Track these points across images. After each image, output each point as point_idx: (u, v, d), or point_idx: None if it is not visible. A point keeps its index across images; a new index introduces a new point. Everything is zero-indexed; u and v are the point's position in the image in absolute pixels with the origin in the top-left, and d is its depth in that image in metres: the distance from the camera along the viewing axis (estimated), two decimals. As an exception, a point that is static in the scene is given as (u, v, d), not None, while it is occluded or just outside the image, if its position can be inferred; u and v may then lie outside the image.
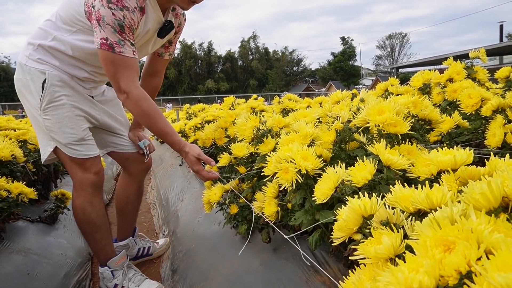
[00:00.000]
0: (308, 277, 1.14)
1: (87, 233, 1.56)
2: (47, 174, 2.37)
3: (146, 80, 1.78)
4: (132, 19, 1.28)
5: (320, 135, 1.14)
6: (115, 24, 1.24)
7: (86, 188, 1.50)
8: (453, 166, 0.60)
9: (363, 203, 0.61)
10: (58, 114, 1.42)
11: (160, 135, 1.43)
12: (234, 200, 1.46)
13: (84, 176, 1.49)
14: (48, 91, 1.40)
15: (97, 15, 1.25)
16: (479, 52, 1.74)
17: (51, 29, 1.43)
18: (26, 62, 1.42)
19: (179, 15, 1.58)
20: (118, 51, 1.27)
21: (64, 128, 1.43)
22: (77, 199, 1.51)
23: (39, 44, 1.43)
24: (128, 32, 1.29)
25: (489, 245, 0.34)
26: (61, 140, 1.43)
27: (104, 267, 1.58)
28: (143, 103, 1.35)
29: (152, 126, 1.41)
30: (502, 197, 0.40)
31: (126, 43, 1.29)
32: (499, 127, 1.14)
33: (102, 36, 1.26)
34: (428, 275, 0.33)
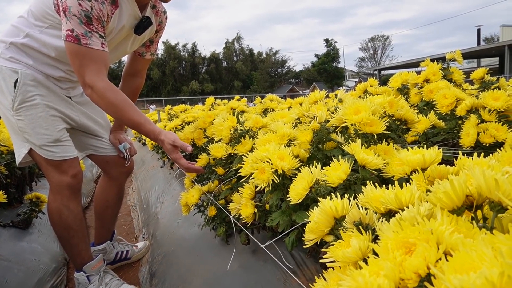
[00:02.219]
0: (286, 279, 1.14)
1: (63, 238, 1.50)
2: (21, 177, 2.29)
3: (127, 80, 1.74)
4: (100, 10, 1.23)
5: (297, 135, 1.13)
6: (81, 15, 1.19)
7: (63, 192, 1.44)
8: (422, 165, 0.60)
9: (335, 205, 0.60)
10: (31, 115, 1.37)
11: (133, 126, 1.37)
12: (213, 202, 1.44)
13: (61, 179, 1.43)
14: (21, 90, 1.35)
15: (63, 5, 1.20)
16: (455, 54, 1.77)
17: (23, 26, 1.38)
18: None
19: (159, 13, 1.55)
20: (84, 43, 1.22)
21: (38, 129, 1.38)
22: (53, 202, 1.45)
23: (11, 42, 1.37)
24: (96, 24, 1.23)
25: (449, 246, 0.33)
26: (35, 141, 1.38)
27: (79, 272, 1.53)
28: (109, 94, 1.29)
29: (122, 117, 1.34)
30: (465, 195, 0.40)
31: (93, 35, 1.23)
32: (473, 126, 1.16)
33: (68, 27, 1.20)
34: (387, 279, 0.32)
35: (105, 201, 1.79)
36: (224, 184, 1.49)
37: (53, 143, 1.40)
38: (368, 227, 0.61)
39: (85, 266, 1.52)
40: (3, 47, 1.38)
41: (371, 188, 0.62)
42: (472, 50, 20.00)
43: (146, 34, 1.54)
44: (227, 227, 1.43)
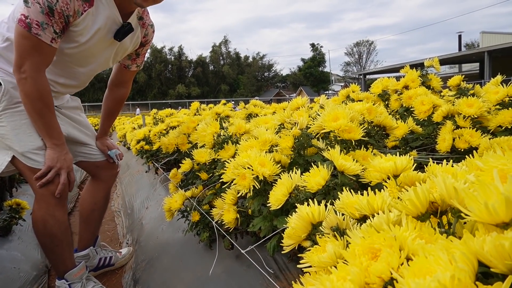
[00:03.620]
0: (269, 283, 1.15)
1: (46, 247, 1.46)
2: (0, 183, 2.24)
3: (112, 90, 1.73)
4: (67, 3, 1.19)
5: (279, 141, 1.14)
6: (45, 5, 1.16)
7: (48, 200, 1.39)
8: (394, 172, 0.62)
9: (311, 211, 0.62)
10: (15, 121, 1.34)
11: (44, 124, 1.34)
12: (196, 207, 1.44)
13: (46, 187, 1.38)
14: (6, 97, 1.32)
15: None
16: (433, 61, 1.82)
17: (3, 30, 1.35)
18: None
19: (146, 25, 1.54)
20: (34, 32, 1.18)
21: (21, 136, 1.34)
22: (38, 211, 1.40)
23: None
24: (58, 18, 1.20)
25: (411, 251, 0.35)
26: (18, 148, 1.34)
27: (61, 279, 1.51)
28: (43, 91, 1.28)
29: (42, 113, 1.31)
30: (429, 202, 0.42)
31: (48, 29, 1.19)
32: (449, 132, 1.20)
33: (23, 12, 1.17)
34: (353, 283, 0.34)
35: (93, 204, 1.77)
36: (208, 189, 1.49)
37: (37, 150, 1.36)
38: (344, 233, 0.63)
39: (67, 273, 1.50)
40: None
41: (347, 194, 0.64)
42: (453, 55, 20.52)
43: (129, 44, 1.52)
44: (211, 233, 1.43)
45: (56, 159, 1.36)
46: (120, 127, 5.83)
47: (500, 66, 17.10)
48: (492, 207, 0.31)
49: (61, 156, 1.38)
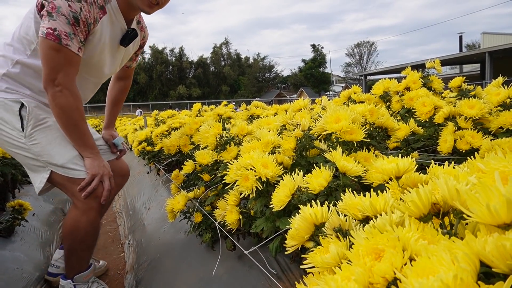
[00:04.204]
0: (271, 284, 1.15)
1: (73, 250, 1.46)
2: (3, 184, 2.25)
3: (117, 82, 1.82)
4: (89, 11, 1.24)
5: (281, 142, 1.15)
6: (70, 15, 1.19)
7: (90, 208, 1.37)
8: (396, 174, 0.63)
9: (314, 212, 0.63)
10: (47, 136, 1.35)
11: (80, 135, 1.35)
12: (198, 208, 1.45)
13: (90, 198, 1.36)
14: (32, 115, 1.33)
15: (51, 6, 1.19)
16: (434, 62, 1.83)
17: (10, 53, 1.36)
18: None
19: (143, 28, 1.61)
20: (65, 43, 1.20)
21: (57, 148, 1.34)
22: (77, 219, 1.38)
23: (3, 73, 1.35)
24: (83, 27, 1.24)
25: (414, 252, 0.35)
26: (57, 161, 1.33)
27: (67, 280, 1.51)
28: (77, 99, 1.29)
29: (77, 123, 1.33)
30: (431, 204, 0.43)
31: (75, 38, 1.23)
32: (450, 133, 1.20)
33: (50, 26, 1.18)
34: (357, 283, 0.35)
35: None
36: (210, 191, 1.50)
37: (75, 160, 1.35)
38: (347, 233, 0.64)
39: (79, 275, 1.50)
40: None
41: (349, 195, 0.65)
42: (454, 56, 20.50)
43: (132, 48, 1.57)
44: (213, 233, 1.44)
45: (97, 166, 1.37)
46: (121, 128, 5.85)
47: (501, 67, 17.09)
48: (493, 208, 0.31)
49: (100, 163, 1.39)
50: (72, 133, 1.34)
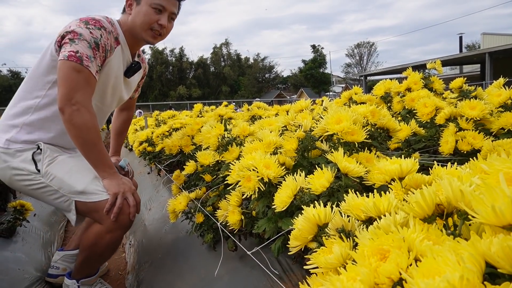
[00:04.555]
0: (273, 285, 1.15)
1: (91, 260, 1.48)
2: (4, 185, 2.25)
3: (119, 114, 1.93)
4: (107, 38, 1.33)
5: (283, 143, 1.15)
6: (91, 41, 1.28)
7: (119, 229, 1.40)
8: (399, 175, 0.63)
9: (318, 212, 0.63)
10: (62, 167, 1.39)
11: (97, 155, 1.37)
12: (200, 209, 1.45)
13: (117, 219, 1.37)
14: (46, 154, 1.39)
15: (73, 34, 1.27)
16: (435, 63, 1.83)
17: (29, 100, 1.40)
18: (8, 146, 1.38)
19: (144, 60, 1.73)
20: (86, 64, 1.26)
21: (74, 176, 1.38)
22: (103, 239, 1.39)
23: (23, 123, 1.39)
24: (101, 51, 1.31)
25: (419, 252, 0.36)
26: (77, 188, 1.35)
27: (72, 279, 1.51)
28: (94, 118, 1.33)
29: (95, 142, 1.34)
30: (435, 204, 0.43)
31: (95, 61, 1.29)
32: (451, 134, 1.20)
33: (72, 49, 1.25)
34: (363, 284, 0.35)
35: None
36: (211, 191, 1.50)
37: (94, 183, 1.37)
38: (350, 234, 0.64)
39: (86, 279, 1.51)
40: (15, 132, 1.39)
41: (352, 196, 0.65)
42: (454, 57, 20.51)
43: (136, 78, 1.65)
44: (215, 234, 1.44)
45: (116, 185, 1.38)
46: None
47: (501, 68, 17.10)
48: (499, 209, 0.32)
49: (119, 181, 1.40)
50: (90, 152, 1.35)
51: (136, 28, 1.43)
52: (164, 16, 1.43)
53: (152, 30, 1.43)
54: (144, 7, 1.40)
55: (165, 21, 1.43)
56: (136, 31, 1.44)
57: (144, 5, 1.40)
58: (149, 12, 1.40)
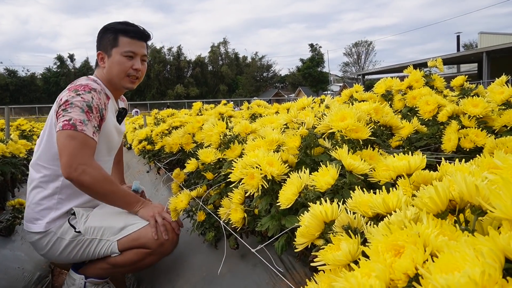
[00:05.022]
0: (275, 283, 1.15)
1: (117, 271, 1.54)
2: (3, 183, 2.24)
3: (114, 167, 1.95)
4: (99, 98, 1.39)
5: (286, 140, 1.15)
6: (83, 105, 1.33)
7: (162, 254, 1.46)
8: (407, 171, 0.63)
9: (324, 209, 0.62)
10: (97, 218, 1.45)
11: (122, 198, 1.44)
12: (202, 207, 1.44)
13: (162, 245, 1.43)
14: (80, 215, 1.44)
15: (65, 104, 1.32)
16: (436, 61, 1.83)
17: (50, 181, 1.44)
18: (49, 228, 1.42)
19: (124, 100, 1.79)
20: (80, 129, 1.30)
21: (111, 217, 1.45)
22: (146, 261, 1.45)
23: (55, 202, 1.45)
24: (95, 113, 1.36)
25: (435, 248, 0.35)
26: (117, 225, 1.42)
27: (80, 274, 1.49)
28: (101, 171, 1.35)
29: (114, 190, 1.40)
30: (449, 200, 0.43)
31: (89, 123, 1.33)
32: (454, 132, 1.20)
33: (65, 119, 1.30)
34: (378, 280, 0.35)
35: None
36: (212, 189, 1.50)
37: (130, 218, 1.45)
38: (356, 231, 0.64)
39: (96, 280, 1.50)
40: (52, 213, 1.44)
41: (359, 193, 0.65)
42: (452, 56, 20.59)
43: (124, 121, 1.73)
44: (216, 232, 1.43)
45: (149, 210, 1.44)
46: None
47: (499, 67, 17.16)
48: (517, 204, 0.31)
49: (150, 206, 1.48)
50: (113, 200, 1.42)
51: (114, 78, 1.50)
52: (136, 61, 1.51)
53: (129, 76, 1.51)
54: (116, 57, 1.48)
55: (139, 65, 1.51)
56: (114, 81, 1.51)
57: (116, 56, 1.48)
58: (122, 61, 1.48)
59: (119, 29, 1.49)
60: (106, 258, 1.45)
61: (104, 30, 1.52)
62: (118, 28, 1.49)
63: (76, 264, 1.52)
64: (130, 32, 1.49)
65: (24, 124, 3.88)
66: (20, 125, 3.87)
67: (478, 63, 22.21)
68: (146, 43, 1.57)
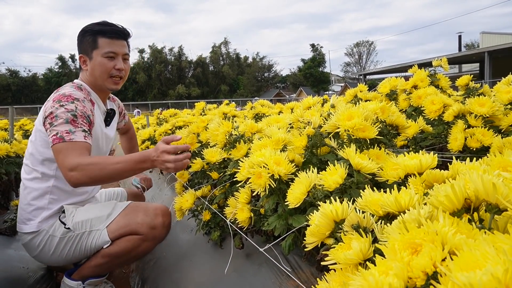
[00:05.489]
0: (281, 282, 1.15)
1: (114, 265, 1.53)
2: (7, 183, 2.25)
3: (123, 136, 2.08)
4: (84, 106, 1.38)
5: (292, 140, 1.15)
6: (68, 115, 1.32)
7: (156, 239, 1.45)
8: (419, 170, 0.62)
9: (335, 208, 0.62)
10: (83, 212, 1.47)
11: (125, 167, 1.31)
12: (207, 206, 1.44)
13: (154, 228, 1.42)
14: (69, 212, 1.45)
15: (50, 117, 1.32)
16: (441, 61, 1.83)
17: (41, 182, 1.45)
18: (41, 228, 1.43)
19: (114, 99, 1.79)
20: (68, 139, 1.29)
21: (96, 208, 1.49)
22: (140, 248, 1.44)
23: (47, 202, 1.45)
24: (81, 120, 1.35)
25: (453, 246, 0.35)
26: (104, 213, 1.45)
27: (77, 281, 1.48)
28: (92, 160, 1.30)
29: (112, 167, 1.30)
30: (464, 199, 0.42)
31: (77, 130, 1.32)
32: (460, 131, 1.20)
33: (52, 134, 1.30)
34: (397, 278, 0.35)
35: None
36: (217, 189, 1.50)
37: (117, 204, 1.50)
38: (366, 230, 0.64)
39: (94, 280, 1.50)
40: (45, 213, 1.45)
41: (369, 192, 0.65)
42: (454, 56, 20.55)
43: (117, 120, 1.75)
44: (221, 231, 1.43)
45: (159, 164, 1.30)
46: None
47: (500, 67, 17.12)
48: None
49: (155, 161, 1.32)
50: (121, 174, 1.33)
51: (97, 80, 1.50)
52: (118, 60, 1.49)
53: (112, 77, 1.50)
54: (97, 59, 1.47)
55: (121, 65, 1.50)
56: (98, 83, 1.51)
57: (97, 58, 1.47)
58: (103, 62, 1.47)
59: (97, 31, 1.47)
60: (99, 252, 1.44)
61: (82, 33, 1.50)
62: (96, 30, 1.47)
63: (69, 270, 1.52)
64: (108, 32, 1.47)
65: (27, 124, 3.89)
66: (23, 125, 3.88)
67: (480, 63, 22.17)
68: (127, 41, 1.54)
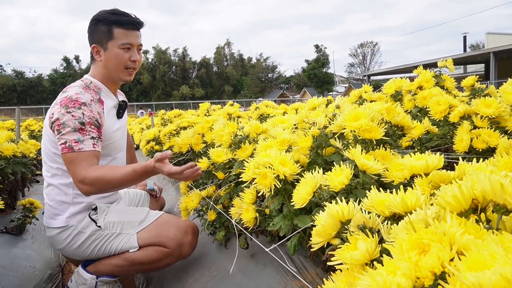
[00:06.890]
0: (287, 283, 1.15)
1: (132, 271, 1.55)
2: (13, 183, 2.26)
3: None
4: (91, 111, 1.35)
5: (297, 141, 1.15)
6: (75, 123, 1.31)
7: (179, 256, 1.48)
8: (425, 171, 0.62)
9: (341, 209, 0.63)
10: (116, 213, 1.49)
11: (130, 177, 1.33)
12: (213, 206, 1.45)
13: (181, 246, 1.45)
14: (102, 210, 1.48)
15: (57, 124, 1.32)
16: (447, 61, 1.82)
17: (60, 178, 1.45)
18: (69, 223, 1.44)
19: (121, 93, 1.76)
20: (77, 148, 1.30)
21: (130, 212, 1.51)
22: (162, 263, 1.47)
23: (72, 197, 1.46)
24: (89, 127, 1.34)
25: (461, 246, 0.35)
26: (137, 219, 1.47)
27: (91, 274, 1.49)
28: (96, 173, 1.30)
29: (117, 177, 1.31)
30: (472, 199, 0.43)
31: (85, 139, 1.32)
32: (466, 132, 1.19)
33: (61, 142, 1.30)
34: (405, 277, 0.35)
35: None
36: (222, 189, 1.50)
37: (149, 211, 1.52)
38: (372, 230, 0.64)
39: (107, 278, 1.51)
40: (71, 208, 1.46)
41: (375, 192, 0.65)
42: (459, 56, 20.44)
43: (126, 112, 1.73)
44: (226, 231, 1.44)
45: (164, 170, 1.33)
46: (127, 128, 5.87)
47: (506, 67, 17.02)
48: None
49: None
50: (128, 182, 1.36)
51: (112, 72, 1.48)
52: (133, 52, 1.48)
53: (127, 68, 1.49)
54: (113, 51, 1.44)
55: (136, 56, 1.48)
56: (112, 75, 1.49)
57: (113, 49, 1.44)
58: (119, 54, 1.44)
59: (113, 21, 1.42)
60: (123, 254, 1.45)
61: (95, 22, 1.45)
62: (111, 20, 1.43)
63: (86, 261, 1.52)
64: (125, 23, 1.43)
65: (33, 124, 3.92)
66: (30, 125, 3.91)
67: (485, 63, 22.03)
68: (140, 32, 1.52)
